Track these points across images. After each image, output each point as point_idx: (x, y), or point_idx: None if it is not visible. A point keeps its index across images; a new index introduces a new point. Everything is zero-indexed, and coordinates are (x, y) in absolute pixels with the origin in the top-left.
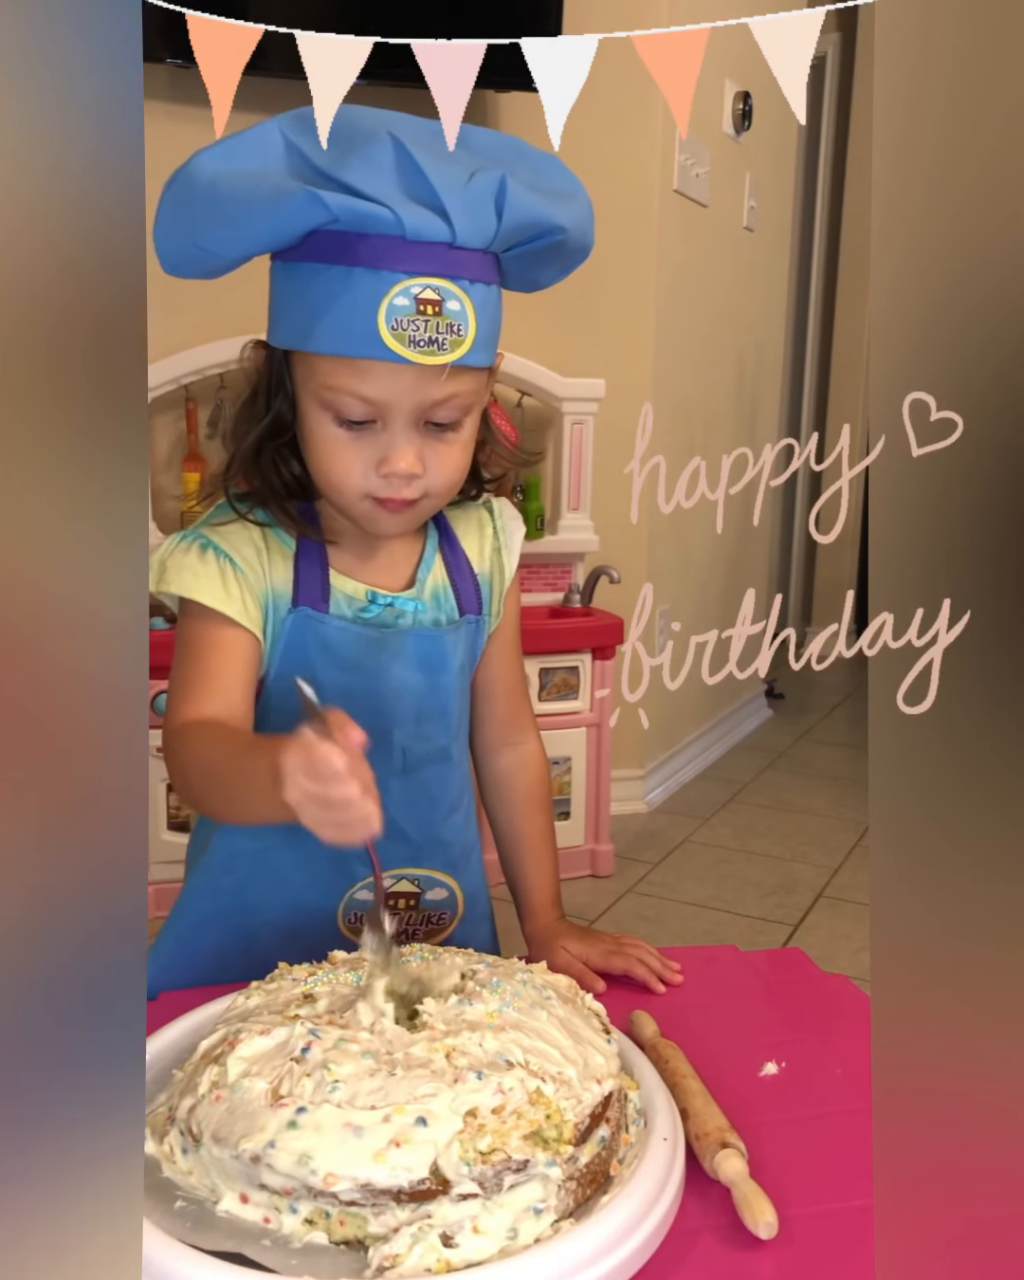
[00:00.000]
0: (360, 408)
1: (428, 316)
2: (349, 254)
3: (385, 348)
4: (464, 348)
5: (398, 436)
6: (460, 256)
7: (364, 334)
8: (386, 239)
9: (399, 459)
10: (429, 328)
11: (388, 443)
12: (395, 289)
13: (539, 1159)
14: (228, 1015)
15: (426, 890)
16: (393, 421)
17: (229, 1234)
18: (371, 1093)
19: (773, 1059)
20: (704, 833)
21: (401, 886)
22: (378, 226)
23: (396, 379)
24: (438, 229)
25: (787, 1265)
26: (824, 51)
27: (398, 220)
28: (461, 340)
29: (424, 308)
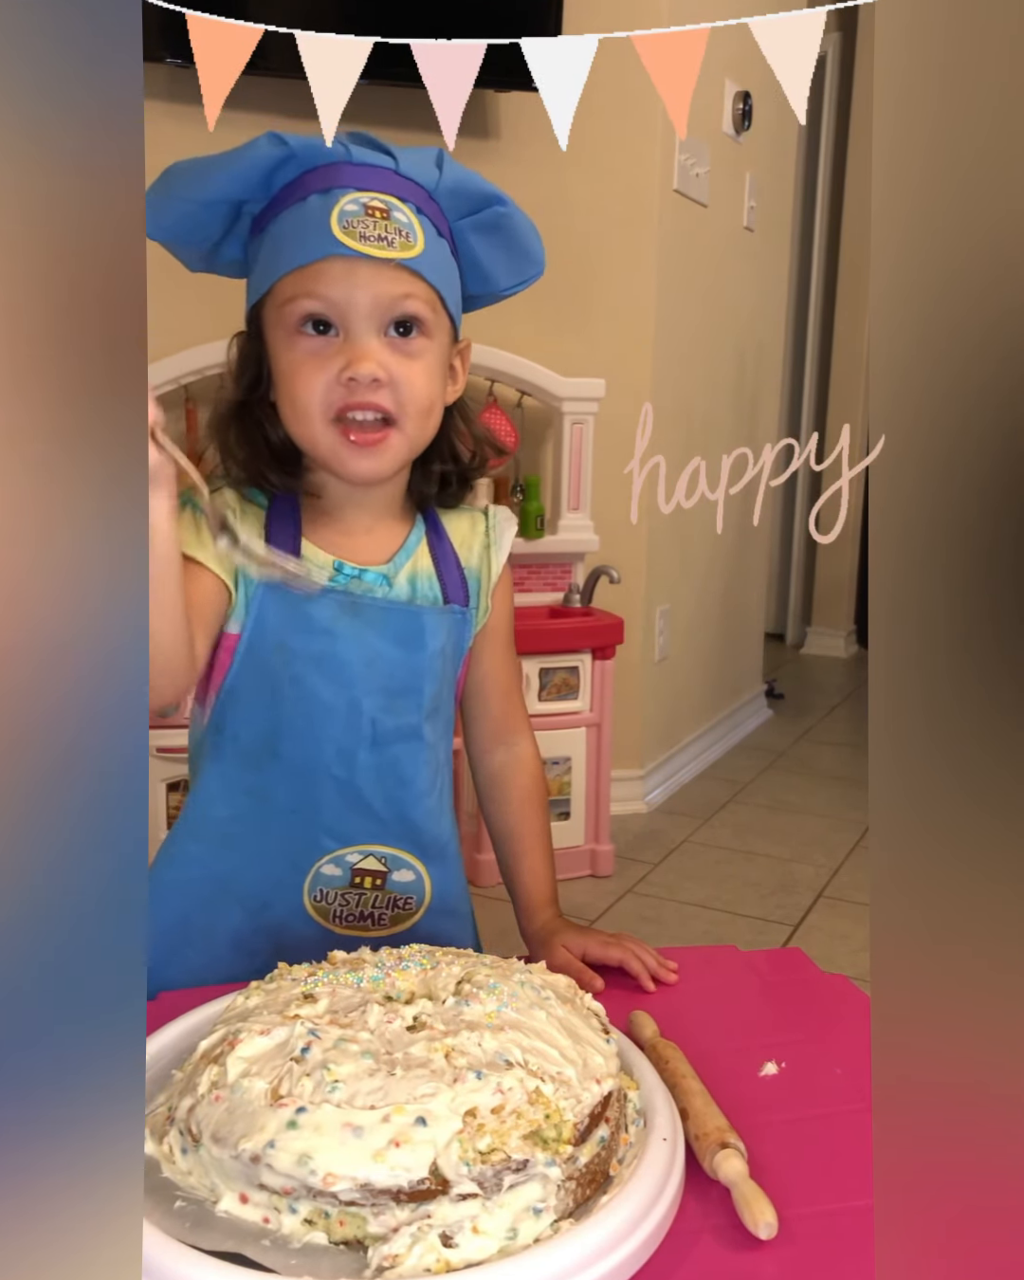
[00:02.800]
0: (319, 305)
1: (376, 218)
2: (304, 188)
3: (337, 243)
4: (415, 250)
5: (359, 339)
6: (405, 184)
7: (317, 239)
8: (336, 165)
9: (361, 360)
10: (378, 227)
11: (350, 349)
12: (345, 199)
13: (539, 1159)
14: (227, 1015)
15: (393, 870)
16: (353, 324)
17: (228, 1234)
18: (371, 1093)
19: (773, 1059)
20: (704, 833)
21: (368, 864)
22: (328, 157)
23: (352, 275)
24: (383, 160)
25: (787, 1266)
26: (824, 51)
27: (347, 150)
28: (411, 245)
29: (372, 212)
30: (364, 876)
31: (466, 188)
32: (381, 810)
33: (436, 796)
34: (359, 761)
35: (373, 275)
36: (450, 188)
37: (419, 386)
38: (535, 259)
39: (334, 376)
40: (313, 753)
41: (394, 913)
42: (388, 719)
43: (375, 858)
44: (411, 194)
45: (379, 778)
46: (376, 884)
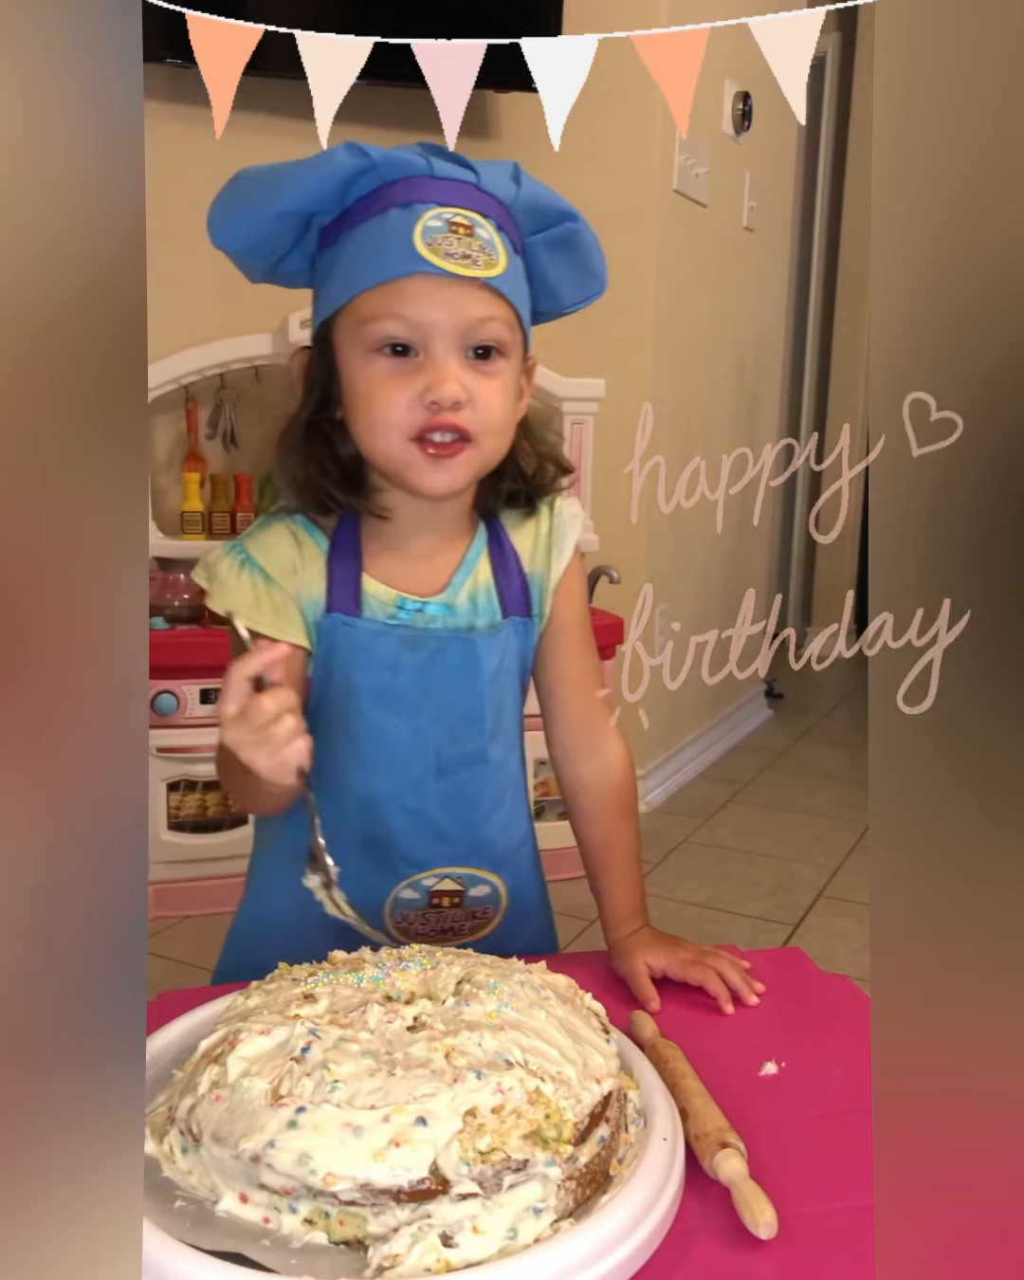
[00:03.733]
0: (401, 328)
1: (460, 235)
2: (383, 201)
3: (422, 259)
4: (498, 268)
5: (441, 361)
6: (487, 201)
7: (401, 255)
8: (418, 178)
9: (443, 382)
10: (462, 244)
11: (431, 371)
12: (427, 214)
13: (539, 1159)
14: (228, 1015)
15: (470, 888)
16: (435, 346)
17: (229, 1234)
18: (371, 1092)
19: (772, 1059)
20: (704, 833)
21: (445, 885)
22: (410, 170)
23: (435, 295)
24: (465, 174)
25: (786, 1265)
26: (824, 51)
27: (428, 164)
28: (495, 262)
29: (456, 228)
30: (442, 897)
31: (542, 203)
32: (453, 833)
33: (506, 809)
34: (427, 790)
35: (457, 295)
36: (527, 203)
37: (496, 406)
38: (600, 276)
39: (415, 397)
40: (383, 784)
41: (473, 923)
42: (452, 748)
43: (452, 879)
44: (492, 209)
45: (446, 804)
46: (454, 902)
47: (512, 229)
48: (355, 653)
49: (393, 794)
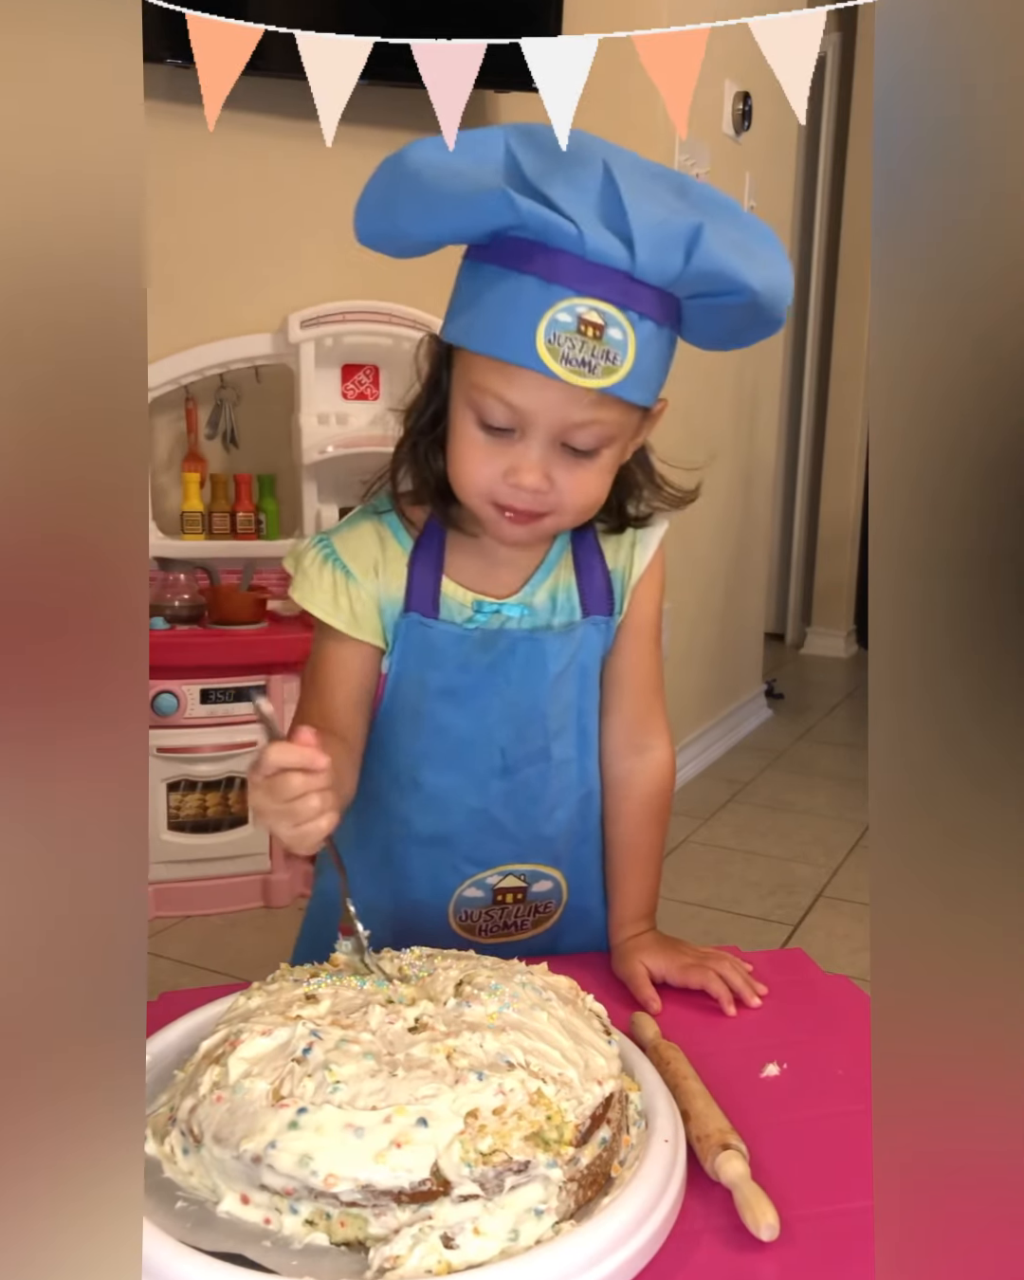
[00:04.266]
0: (502, 413)
1: (586, 338)
2: (527, 261)
3: (537, 358)
4: (616, 377)
5: (531, 449)
6: (636, 289)
7: (521, 341)
8: (566, 255)
9: (527, 472)
10: (585, 349)
11: (521, 454)
12: (561, 304)
13: (540, 1160)
14: (229, 1016)
15: (532, 884)
16: (530, 434)
17: (229, 1235)
18: (373, 1093)
19: (774, 1060)
20: (704, 833)
21: (508, 883)
22: (560, 240)
23: (543, 392)
24: (618, 255)
25: (788, 1267)
26: (824, 51)
27: (580, 237)
28: (615, 369)
29: (585, 328)
30: (506, 894)
31: (710, 272)
32: (517, 832)
33: (569, 806)
34: (492, 790)
35: (564, 398)
36: (695, 276)
37: (583, 492)
38: (777, 324)
39: (500, 472)
40: (449, 783)
41: (535, 917)
42: (516, 746)
43: (515, 876)
44: (639, 300)
45: (510, 802)
46: (518, 898)
47: (663, 311)
48: (429, 653)
49: (458, 792)
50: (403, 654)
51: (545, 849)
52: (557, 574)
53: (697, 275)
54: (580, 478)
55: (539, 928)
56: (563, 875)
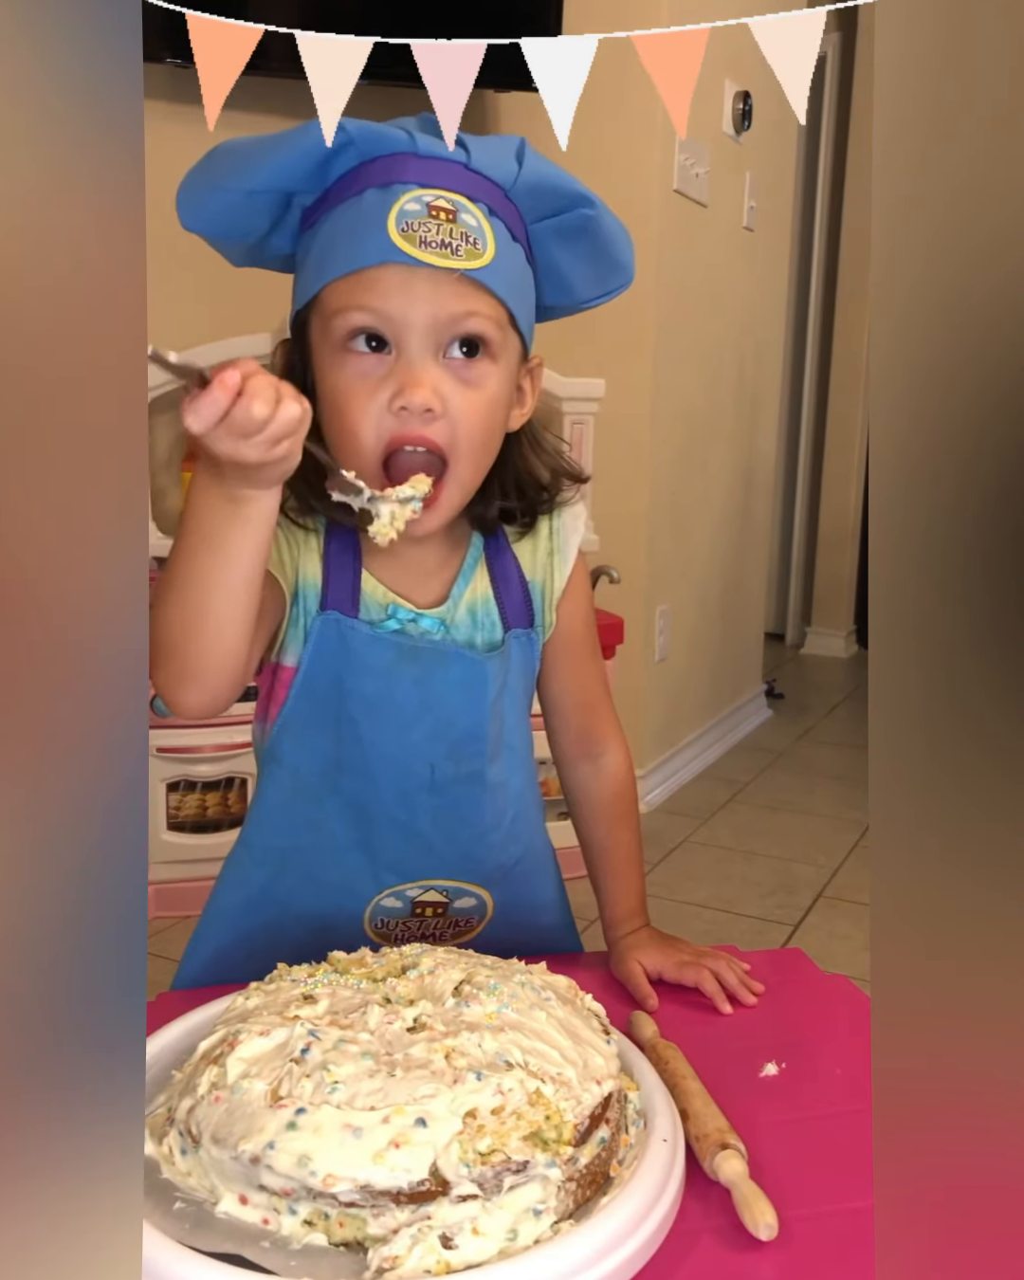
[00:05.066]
0: (370, 319)
1: (441, 221)
2: (362, 180)
3: (394, 247)
4: (482, 260)
5: (413, 362)
6: (478, 182)
7: (373, 242)
8: (398, 156)
9: (414, 387)
10: (442, 231)
11: (403, 370)
12: (406, 195)
13: (539, 1160)
14: (227, 1016)
15: (454, 899)
16: (407, 343)
17: (228, 1235)
18: (371, 1094)
19: (773, 1060)
20: (704, 833)
21: (429, 896)
22: (391, 146)
23: (408, 286)
24: (452, 152)
25: (787, 1267)
26: (824, 52)
27: (411, 139)
28: (479, 253)
29: (436, 213)
30: (425, 908)
31: (549, 185)
32: (442, 849)
33: (505, 829)
34: (419, 804)
35: (432, 288)
36: (530, 185)
37: (477, 420)
38: (624, 268)
39: (384, 404)
40: (371, 793)
41: (454, 930)
42: (448, 765)
43: (437, 890)
44: (484, 192)
45: (439, 820)
46: (438, 912)
47: (510, 214)
48: (348, 656)
49: (381, 803)
50: (316, 653)
51: (474, 869)
52: (473, 586)
53: (532, 181)
54: (471, 400)
55: (458, 939)
56: (490, 895)
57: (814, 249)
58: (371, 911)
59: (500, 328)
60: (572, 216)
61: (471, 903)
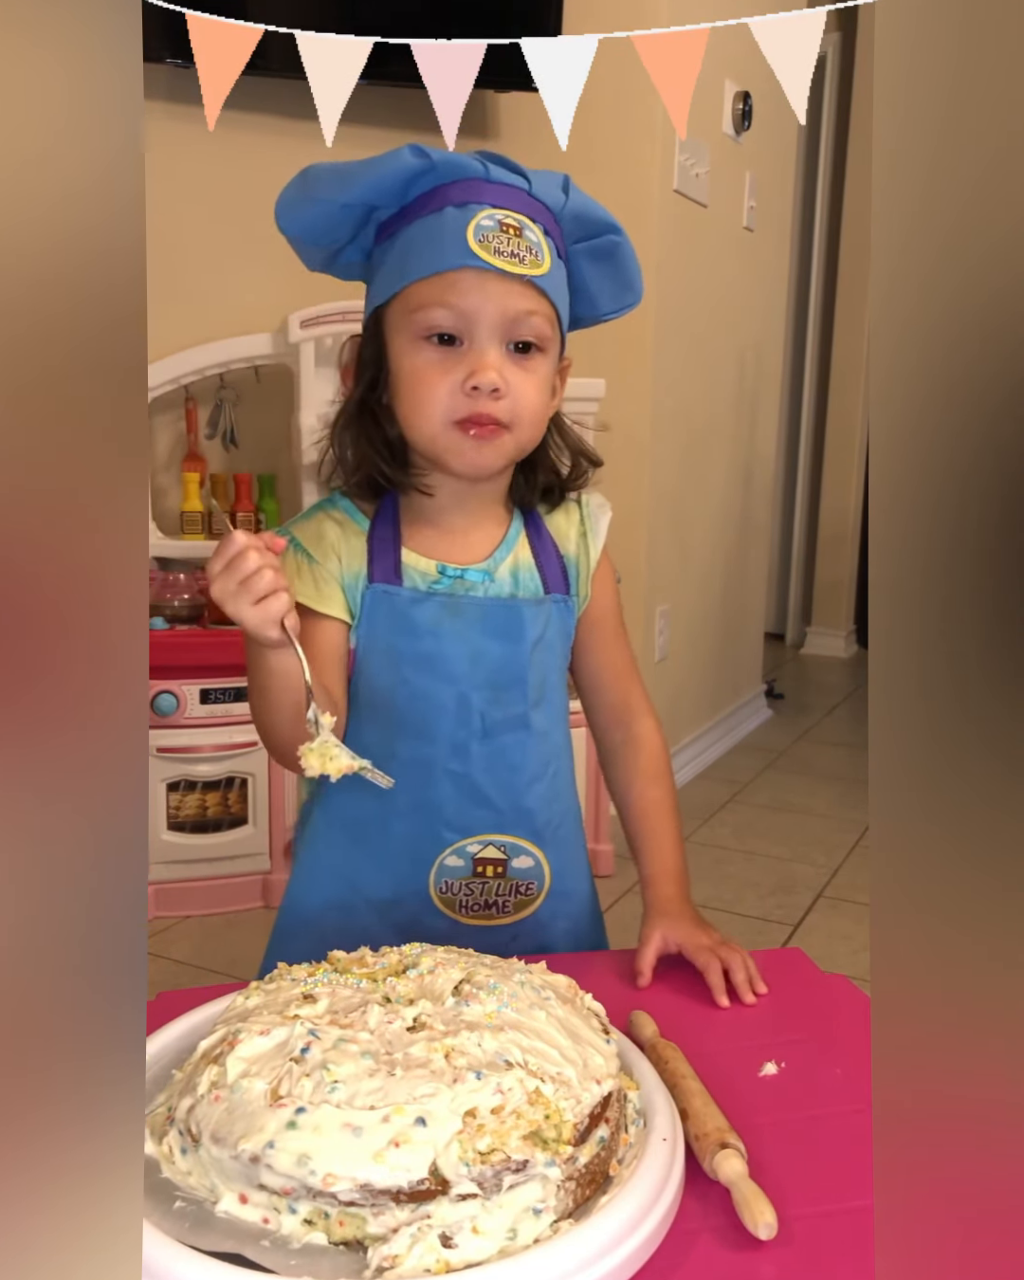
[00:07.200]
0: (448, 317)
1: (510, 235)
2: (440, 199)
3: (473, 254)
4: (542, 269)
5: (483, 350)
6: (536, 206)
7: (454, 248)
8: (474, 180)
9: (484, 371)
10: (511, 243)
11: (476, 357)
12: (481, 214)
13: (538, 1159)
14: (227, 1015)
15: (513, 857)
16: (478, 334)
17: (228, 1234)
18: (371, 1093)
19: (773, 1059)
20: (704, 833)
21: (489, 853)
22: (467, 172)
23: (484, 288)
24: (517, 179)
25: (786, 1266)
26: (824, 51)
27: (485, 169)
28: (539, 263)
29: (506, 229)
30: (486, 865)
31: (588, 214)
32: (497, 799)
33: (548, 781)
34: (472, 753)
35: (503, 289)
36: (574, 212)
37: (533, 397)
38: (636, 289)
39: (457, 384)
40: (428, 749)
41: (517, 899)
42: (496, 711)
43: (495, 846)
44: (541, 215)
45: (491, 767)
46: (498, 871)
47: (557, 235)
48: (397, 620)
49: (438, 758)
50: (370, 626)
51: (526, 822)
52: (516, 554)
53: (576, 212)
54: (529, 381)
55: (521, 911)
56: (545, 856)
57: (814, 249)
58: (436, 874)
59: (552, 326)
60: (603, 241)
61: (529, 863)
